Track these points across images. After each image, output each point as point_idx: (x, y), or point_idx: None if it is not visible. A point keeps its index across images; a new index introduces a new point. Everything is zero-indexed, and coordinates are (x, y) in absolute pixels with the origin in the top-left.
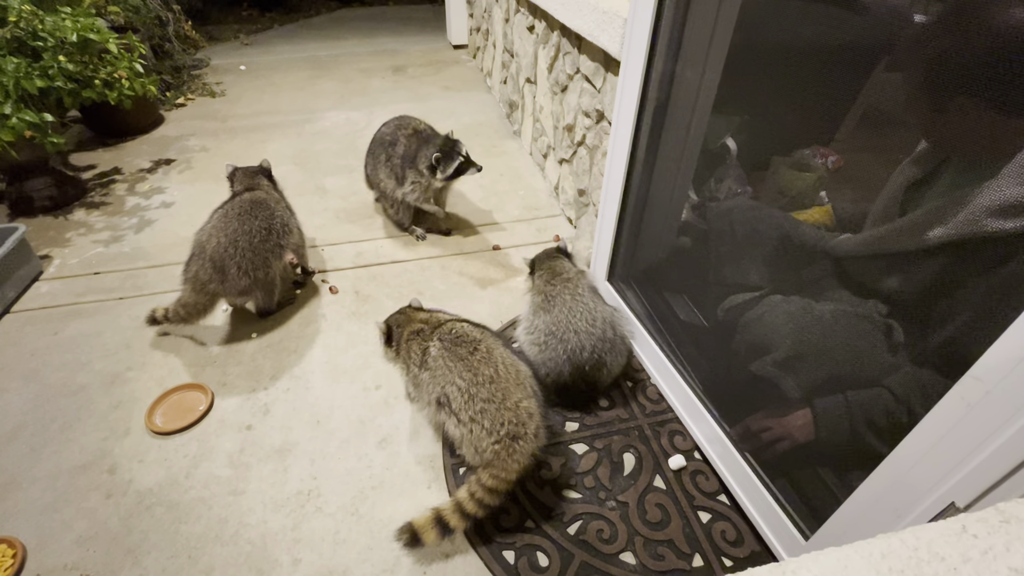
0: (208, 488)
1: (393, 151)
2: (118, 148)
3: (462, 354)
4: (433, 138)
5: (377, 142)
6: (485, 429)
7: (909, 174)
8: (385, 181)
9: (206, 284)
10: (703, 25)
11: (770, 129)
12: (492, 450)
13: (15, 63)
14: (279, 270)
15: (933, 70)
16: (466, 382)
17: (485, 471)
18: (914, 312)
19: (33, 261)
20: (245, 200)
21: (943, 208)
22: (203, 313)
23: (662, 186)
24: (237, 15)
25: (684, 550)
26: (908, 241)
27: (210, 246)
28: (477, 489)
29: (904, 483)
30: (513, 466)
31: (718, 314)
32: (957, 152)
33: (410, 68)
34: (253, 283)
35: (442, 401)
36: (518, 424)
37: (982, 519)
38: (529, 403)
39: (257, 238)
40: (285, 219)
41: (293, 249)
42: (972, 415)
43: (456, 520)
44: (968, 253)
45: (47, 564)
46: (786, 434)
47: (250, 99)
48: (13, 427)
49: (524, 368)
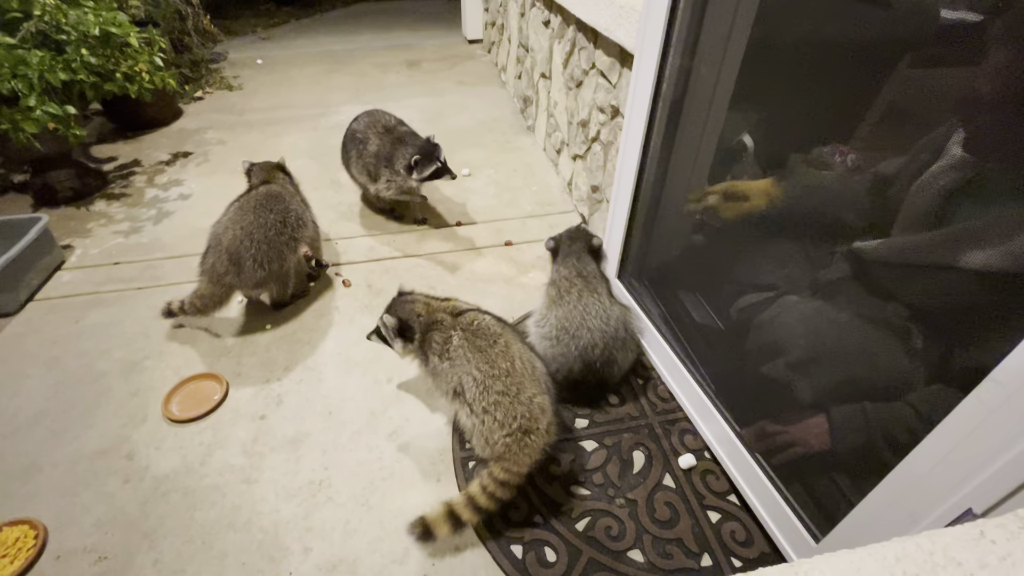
0: (222, 476)
1: (364, 149)
2: (138, 140)
3: (481, 346)
4: (409, 137)
5: (348, 138)
6: (497, 421)
7: (947, 180)
8: (358, 176)
9: (222, 276)
10: (722, 18)
11: (788, 126)
12: (503, 443)
13: (39, 56)
14: (294, 263)
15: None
16: (483, 374)
17: (497, 464)
18: (940, 320)
19: (56, 250)
20: (261, 193)
21: (985, 230)
22: (219, 305)
23: (677, 183)
24: (255, 9)
25: (693, 549)
26: (945, 257)
27: (226, 238)
28: (489, 482)
29: (920, 487)
30: (524, 459)
31: (731, 313)
32: (1008, 162)
33: (425, 63)
34: (268, 275)
35: (458, 391)
36: (530, 418)
37: (1001, 525)
38: (543, 399)
39: (272, 231)
40: (300, 212)
41: (308, 242)
42: (992, 419)
43: (468, 514)
44: (1008, 281)
45: (67, 546)
46: (801, 440)
47: (266, 93)
48: (36, 412)
49: (540, 364)
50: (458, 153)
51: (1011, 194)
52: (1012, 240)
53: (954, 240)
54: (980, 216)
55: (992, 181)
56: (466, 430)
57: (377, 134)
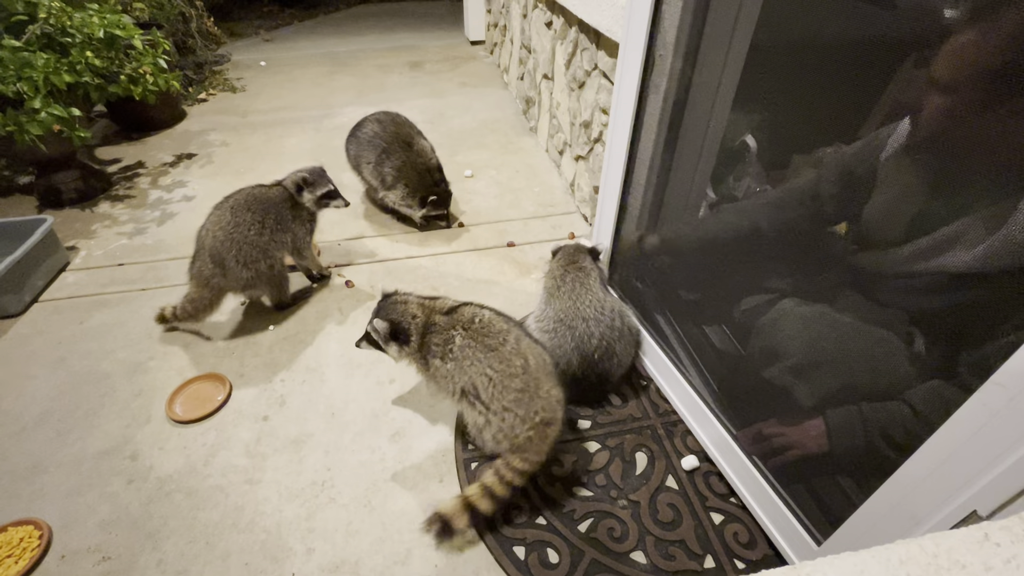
0: (225, 476)
1: (387, 158)
2: (142, 142)
3: (492, 344)
4: (431, 171)
5: (366, 141)
6: (519, 417)
7: (919, 186)
8: (370, 179)
9: (209, 279)
10: (725, 17)
11: (791, 126)
12: (526, 436)
13: (45, 59)
14: (282, 264)
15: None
16: (498, 372)
17: (515, 455)
18: (938, 323)
19: (60, 252)
20: (241, 194)
21: (964, 232)
22: (209, 308)
23: (678, 184)
24: (258, 11)
25: (696, 551)
26: (929, 265)
27: (208, 241)
28: (507, 472)
29: (923, 490)
30: (544, 448)
31: (731, 317)
32: (979, 166)
33: (427, 64)
34: (256, 276)
35: (467, 390)
36: (550, 411)
37: (1006, 527)
38: (557, 391)
39: (252, 230)
40: (281, 215)
41: (289, 250)
42: (995, 422)
43: (487, 504)
44: (996, 279)
45: (71, 546)
46: (798, 443)
47: (270, 94)
48: (40, 412)
49: (548, 356)
50: (460, 154)
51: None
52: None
53: (934, 248)
54: (958, 220)
55: (965, 189)
56: (476, 427)
57: (402, 147)
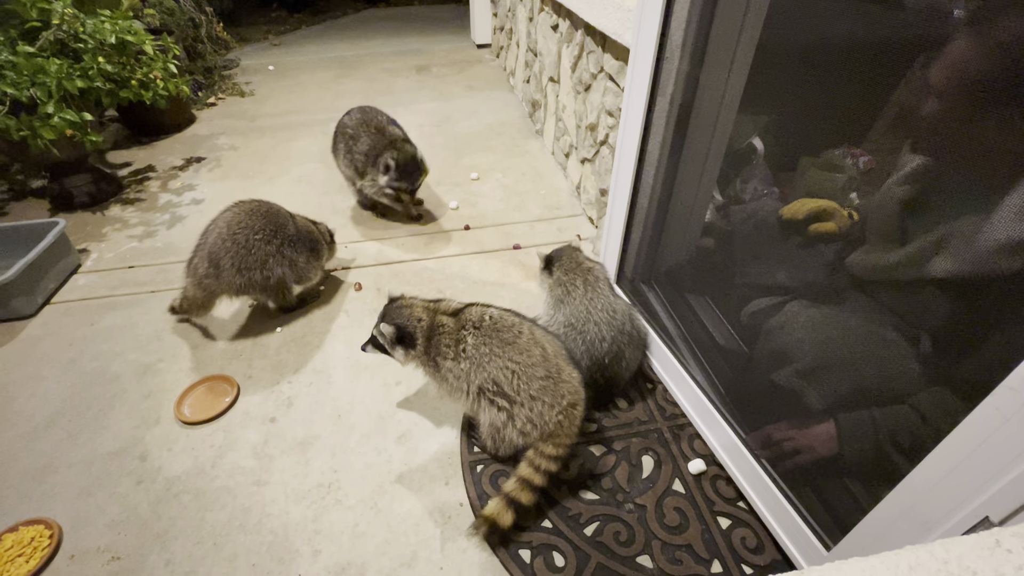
0: (233, 478)
1: (354, 145)
2: (152, 146)
3: (508, 339)
4: (399, 142)
5: (338, 132)
6: (547, 404)
7: (900, 193)
8: (344, 170)
9: (203, 279)
10: (731, 19)
11: (799, 128)
12: (556, 421)
13: (57, 64)
14: (280, 276)
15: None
16: (519, 364)
17: (547, 443)
18: (941, 327)
19: (72, 254)
20: (256, 202)
21: (947, 239)
22: (202, 309)
23: (685, 187)
24: (266, 16)
25: (703, 555)
26: (916, 272)
27: (209, 239)
28: (541, 460)
29: (934, 495)
30: (573, 430)
31: (739, 320)
32: (962, 172)
33: (434, 67)
34: (248, 283)
35: (485, 388)
36: (575, 393)
37: (1017, 534)
38: (576, 372)
39: (259, 236)
40: (292, 233)
41: (292, 267)
42: (1008, 427)
43: (527, 496)
44: (985, 283)
45: (81, 546)
46: (808, 447)
47: (278, 99)
48: (51, 413)
49: (559, 341)
50: (467, 157)
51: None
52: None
53: (919, 256)
54: (941, 227)
55: (945, 195)
56: (493, 427)
57: (369, 133)
